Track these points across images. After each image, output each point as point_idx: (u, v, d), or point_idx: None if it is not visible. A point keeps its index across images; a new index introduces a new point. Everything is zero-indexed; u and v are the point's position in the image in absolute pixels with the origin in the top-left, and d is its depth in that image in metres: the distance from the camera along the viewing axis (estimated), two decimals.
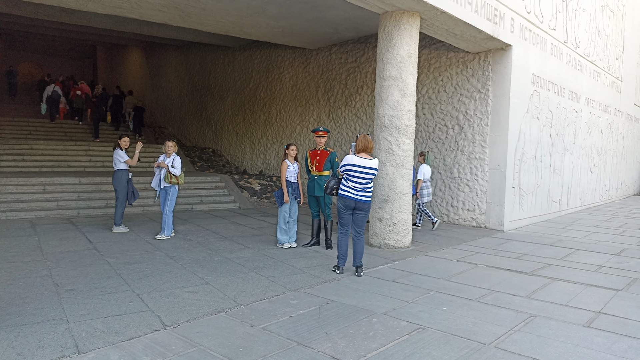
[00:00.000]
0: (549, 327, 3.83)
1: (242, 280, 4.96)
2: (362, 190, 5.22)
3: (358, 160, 5.19)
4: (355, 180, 5.20)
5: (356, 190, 5.22)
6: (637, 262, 6.28)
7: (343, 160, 5.34)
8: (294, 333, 3.58)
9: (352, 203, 5.24)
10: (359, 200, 5.22)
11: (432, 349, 3.35)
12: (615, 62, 14.57)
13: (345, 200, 5.25)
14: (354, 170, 5.18)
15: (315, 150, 6.84)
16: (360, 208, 5.27)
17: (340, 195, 5.28)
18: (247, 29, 10.81)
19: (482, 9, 7.70)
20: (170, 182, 7.08)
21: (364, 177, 5.19)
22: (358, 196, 5.22)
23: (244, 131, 15.44)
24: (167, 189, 7.15)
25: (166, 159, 7.18)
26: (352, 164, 5.19)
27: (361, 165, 5.17)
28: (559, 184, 10.86)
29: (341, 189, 5.29)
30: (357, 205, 5.25)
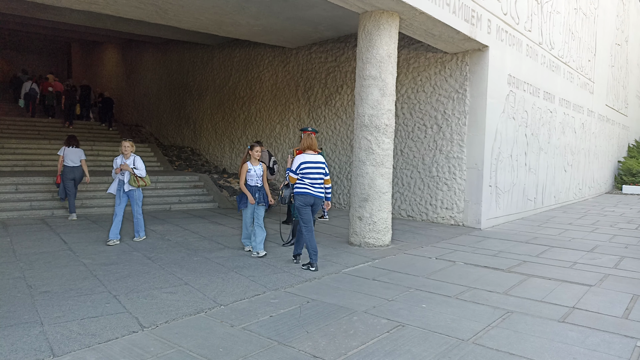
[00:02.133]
0: (525, 322, 3.91)
1: (221, 280, 4.92)
2: (319, 187, 5.55)
3: (309, 157, 5.54)
4: (311, 177, 5.50)
5: (313, 187, 5.51)
6: (609, 258, 6.46)
7: (295, 161, 5.58)
8: (274, 332, 3.57)
9: (311, 199, 5.51)
10: (317, 196, 5.53)
11: (411, 346, 3.39)
12: (588, 63, 14.96)
13: (305, 197, 5.49)
14: (309, 166, 5.48)
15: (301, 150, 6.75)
16: (317, 203, 5.57)
17: (299, 194, 5.50)
18: (226, 27, 10.71)
19: (459, 10, 7.80)
20: (138, 185, 6.66)
21: (318, 171, 5.52)
22: (316, 192, 5.51)
23: (223, 130, 15.31)
24: (132, 192, 6.69)
25: (124, 160, 6.64)
26: (306, 160, 5.50)
27: (313, 161, 5.52)
28: (534, 183, 11.10)
29: (298, 188, 5.51)
30: (315, 200, 5.53)
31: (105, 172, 12.14)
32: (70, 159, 8.62)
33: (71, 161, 8.62)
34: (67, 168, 8.61)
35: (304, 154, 5.59)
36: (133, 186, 6.64)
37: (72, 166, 8.64)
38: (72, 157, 8.64)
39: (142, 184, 6.73)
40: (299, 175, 5.52)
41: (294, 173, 5.54)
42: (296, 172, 5.53)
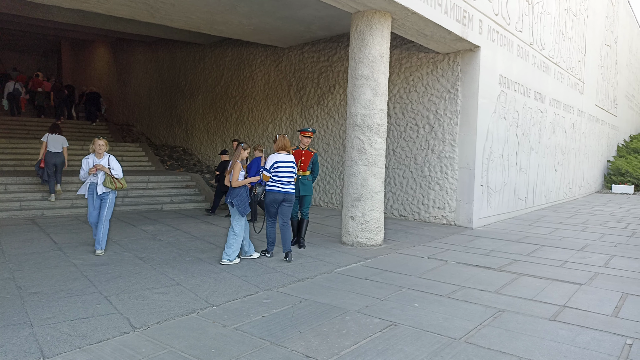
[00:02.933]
0: (516, 321, 3.94)
1: (214, 281, 4.90)
2: (288, 184, 5.93)
3: (282, 157, 5.92)
4: (282, 175, 5.88)
5: (283, 185, 5.90)
6: (599, 257, 6.53)
7: (268, 160, 5.94)
8: (267, 332, 3.56)
9: (281, 196, 5.90)
10: (287, 193, 5.92)
11: (404, 345, 3.40)
12: (578, 64, 15.10)
13: (275, 194, 5.88)
14: (282, 165, 5.87)
15: (300, 150, 6.73)
16: (288, 200, 5.97)
17: (270, 191, 5.89)
18: (218, 26, 10.67)
19: (451, 11, 7.84)
20: (115, 187, 5.98)
21: (289, 170, 5.91)
22: (286, 189, 5.91)
23: (215, 130, 15.25)
24: (105, 195, 5.97)
25: (96, 160, 5.94)
26: (280, 160, 5.89)
27: (286, 160, 5.92)
28: (525, 182, 11.18)
29: (269, 186, 5.89)
30: (286, 197, 5.93)
31: None
32: (53, 145, 9.19)
33: (53, 147, 9.20)
34: (50, 153, 9.14)
35: (277, 154, 5.94)
36: (109, 188, 5.94)
37: (54, 152, 9.20)
38: (54, 143, 9.23)
39: (119, 186, 6.03)
40: (272, 174, 5.86)
41: (267, 171, 5.87)
42: (269, 170, 5.86)
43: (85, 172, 5.91)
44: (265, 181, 5.91)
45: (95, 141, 6.01)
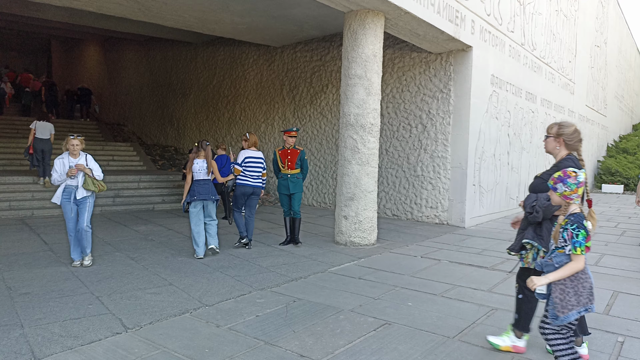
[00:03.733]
0: (509, 319, 3.95)
1: (207, 280, 4.87)
2: (257, 179, 6.48)
3: (252, 153, 6.48)
4: (252, 170, 6.42)
5: (252, 179, 6.43)
6: (590, 256, 6.58)
7: (240, 155, 6.47)
8: (261, 332, 3.55)
9: (250, 190, 6.43)
10: (256, 186, 6.47)
11: (398, 344, 3.40)
12: (569, 64, 15.23)
13: (245, 188, 6.40)
14: (252, 161, 6.42)
15: (285, 150, 6.79)
16: (255, 193, 6.49)
17: (240, 184, 6.41)
18: (210, 24, 10.62)
19: (444, 11, 7.86)
20: (99, 189, 5.33)
21: (258, 165, 6.47)
22: (254, 183, 6.44)
23: (207, 129, 15.17)
24: (84, 200, 5.28)
25: (72, 160, 5.27)
26: (250, 156, 6.45)
27: (255, 156, 6.48)
28: (516, 182, 11.25)
29: (239, 179, 6.41)
30: (254, 190, 6.47)
31: None
32: (41, 132, 9.70)
33: (41, 134, 9.68)
34: (37, 140, 9.56)
35: (248, 150, 6.50)
36: (90, 190, 5.26)
37: (42, 138, 9.64)
38: (42, 130, 9.73)
39: (102, 188, 5.39)
40: (242, 168, 6.40)
41: (239, 165, 6.39)
42: (241, 164, 6.39)
43: (61, 175, 5.18)
44: (237, 175, 6.42)
45: (68, 140, 5.29)
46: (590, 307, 2.57)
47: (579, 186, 2.57)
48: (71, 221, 5.29)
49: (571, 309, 2.54)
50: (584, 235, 2.53)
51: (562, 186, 2.61)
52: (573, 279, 2.57)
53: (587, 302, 2.56)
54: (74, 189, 5.25)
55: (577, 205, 2.61)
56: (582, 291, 2.56)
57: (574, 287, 2.56)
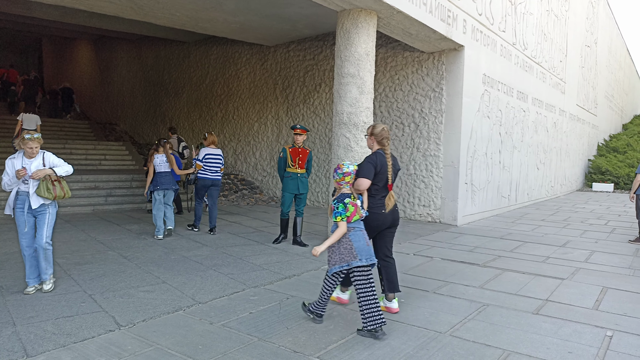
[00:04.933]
0: (500, 315, 4.00)
1: (200, 278, 4.88)
2: (216, 172, 7.44)
3: (211, 150, 7.43)
4: (211, 165, 7.37)
5: (212, 173, 7.40)
6: (580, 252, 6.66)
7: (200, 152, 7.40)
8: (254, 329, 3.56)
9: (210, 182, 7.40)
10: (215, 179, 7.44)
11: (390, 339, 3.43)
12: (560, 64, 15.37)
13: (205, 181, 7.39)
14: (211, 157, 7.38)
15: (296, 148, 6.75)
16: (215, 184, 7.46)
17: (201, 178, 7.39)
18: (202, 23, 10.60)
19: (436, 10, 7.91)
20: (55, 196, 4.28)
21: (217, 161, 7.42)
22: (214, 176, 7.43)
23: (200, 128, 15.14)
24: (43, 210, 4.30)
25: (26, 161, 4.28)
26: (209, 153, 7.40)
27: (214, 153, 7.43)
28: (508, 180, 11.34)
29: (200, 173, 7.37)
30: (214, 182, 7.42)
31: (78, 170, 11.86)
32: (28, 123, 10.45)
33: (28, 125, 10.37)
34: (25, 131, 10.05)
35: (207, 148, 7.43)
36: (46, 198, 4.25)
37: (29, 129, 10.22)
38: (29, 122, 10.51)
39: (61, 195, 4.34)
40: (203, 163, 7.31)
41: (200, 161, 7.31)
42: (201, 160, 7.32)
43: (12, 177, 4.22)
44: (198, 169, 7.38)
45: (25, 142, 4.25)
46: (351, 263, 3.47)
47: (345, 175, 3.57)
48: (25, 237, 4.27)
49: (334, 264, 3.53)
50: (343, 207, 3.49)
51: (335, 175, 3.65)
52: (337, 243, 3.52)
53: (349, 259, 3.47)
54: (27, 196, 4.24)
55: (347, 189, 3.61)
56: (343, 251, 3.50)
57: (338, 248, 3.52)
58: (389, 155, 3.97)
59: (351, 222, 3.52)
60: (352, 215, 3.50)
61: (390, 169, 3.91)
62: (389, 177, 3.88)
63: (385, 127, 4.04)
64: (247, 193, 12.22)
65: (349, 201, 3.51)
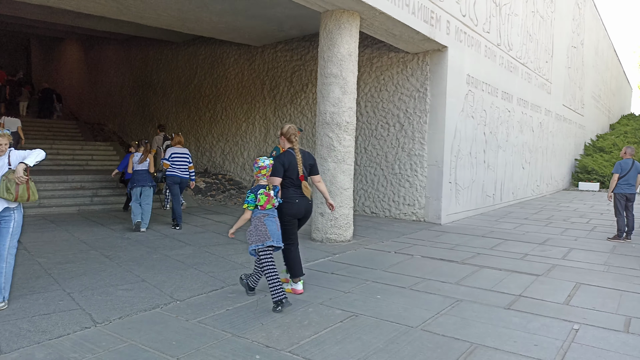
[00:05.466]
0: (472, 310, 4.09)
1: (180, 277, 4.92)
2: (184, 171, 7.99)
3: (177, 150, 8.00)
4: (178, 163, 7.92)
5: (179, 171, 7.93)
6: (558, 250, 6.78)
7: (167, 152, 7.97)
8: (229, 325, 3.62)
9: (178, 179, 7.91)
10: (182, 177, 7.98)
11: (362, 334, 3.50)
12: (545, 65, 15.55)
13: (174, 178, 7.88)
14: (178, 156, 7.94)
15: None
16: (183, 182, 7.99)
17: (169, 176, 7.89)
18: (189, 23, 10.63)
19: (419, 11, 8.00)
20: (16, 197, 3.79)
21: (183, 160, 7.97)
22: (182, 174, 7.96)
23: (188, 128, 15.15)
24: (7, 216, 3.85)
25: None
26: (175, 152, 7.96)
27: (181, 152, 8.00)
28: (492, 180, 11.47)
29: (169, 171, 7.88)
30: (182, 180, 7.96)
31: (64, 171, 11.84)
32: (8, 125, 10.58)
33: (8, 128, 10.30)
34: None
35: (174, 147, 8.00)
36: (7, 200, 3.78)
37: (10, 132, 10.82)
38: (10, 124, 10.66)
39: (24, 197, 3.84)
40: (170, 162, 7.84)
41: (167, 160, 7.85)
42: (168, 159, 7.83)
43: None
44: (166, 168, 7.85)
45: None
46: (265, 242, 3.97)
47: (261, 169, 4.06)
48: None
49: (251, 243, 4.04)
50: (253, 197, 4.03)
51: (253, 169, 4.20)
52: (253, 225, 4.04)
53: (264, 239, 3.98)
54: None
55: (264, 181, 4.10)
56: (260, 233, 3.99)
57: (255, 230, 4.02)
58: (298, 152, 4.48)
59: (265, 209, 4.08)
60: (265, 203, 4.06)
61: (300, 163, 4.41)
62: (299, 170, 4.41)
63: (292, 126, 4.50)
64: (234, 193, 12.25)
65: (262, 192, 4.05)
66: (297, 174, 4.40)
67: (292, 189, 4.42)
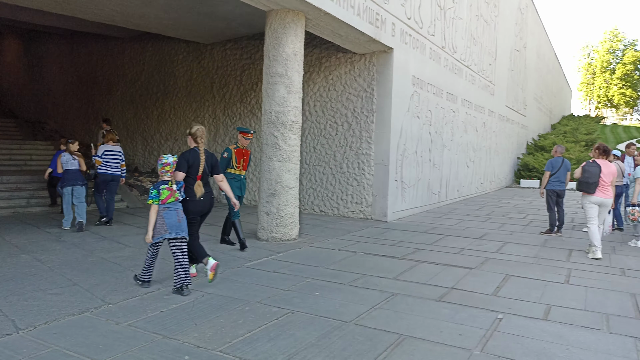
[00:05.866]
0: (406, 303, 4.22)
1: (115, 280, 4.79)
2: (115, 168, 8.06)
3: (110, 147, 8.10)
4: (110, 160, 8.00)
5: (111, 168, 8.02)
6: (494, 244, 7.10)
7: (99, 149, 8.01)
8: (161, 327, 3.56)
9: (110, 177, 8.02)
10: (115, 174, 8.08)
11: (296, 330, 3.54)
12: (489, 67, 16.20)
13: (105, 176, 7.98)
14: (110, 153, 8.03)
15: (240, 149, 6.58)
16: (115, 180, 8.11)
17: (101, 173, 7.96)
18: (133, 19, 10.33)
19: (364, 13, 8.14)
20: None
21: (116, 157, 8.07)
22: (114, 172, 8.06)
23: (135, 127, 14.70)
24: None
25: None
26: (108, 149, 8.04)
27: (113, 150, 8.08)
28: (438, 178, 11.84)
29: (100, 169, 7.95)
30: (114, 177, 8.06)
31: (9, 171, 11.20)
32: None
33: None
34: None
35: (106, 145, 8.12)
36: None
37: None
38: None
39: None
40: (103, 159, 7.94)
41: (99, 157, 7.92)
42: (100, 156, 7.91)
43: None
44: (98, 165, 7.92)
45: None
46: (163, 235, 4.30)
47: (165, 165, 4.36)
48: None
49: (154, 236, 4.31)
50: (156, 193, 4.30)
51: (157, 165, 4.44)
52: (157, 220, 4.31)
53: (162, 232, 4.30)
54: None
55: (168, 177, 4.39)
56: (158, 227, 4.29)
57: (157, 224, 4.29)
58: (203, 152, 4.74)
59: (166, 203, 4.34)
60: (167, 198, 4.33)
61: (202, 163, 4.67)
62: (200, 169, 4.67)
63: (200, 127, 4.75)
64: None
65: (164, 187, 4.33)
66: (198, 172, 4.66)
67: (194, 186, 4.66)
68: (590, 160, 6.58)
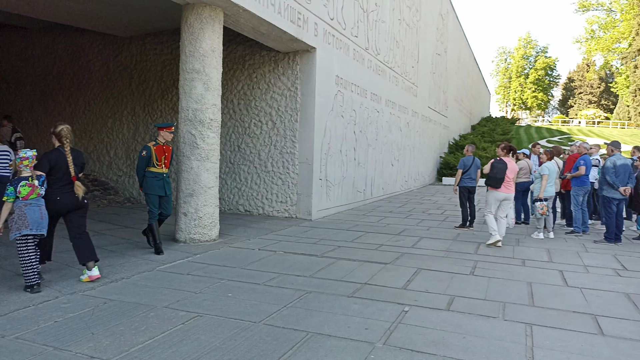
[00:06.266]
0: (318, 300, 4.25)
1: (7, 289, 4.40)
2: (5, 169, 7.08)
3: None
4: None
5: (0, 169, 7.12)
6: (410, 239, 7.37)
7: None
8: (53, 338, 3.31)
9: None
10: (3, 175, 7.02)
11: (202, 334, 3.43)
12: (412, 69, 16.84)
13: None
14: None
15: (161, 146, 6.21)
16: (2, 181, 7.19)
17: None
18: (39, 8, 9.56)
19: (285, 11, 8.12)
20: None
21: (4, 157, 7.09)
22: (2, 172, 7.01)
23: (46, 124, 13.65)
24: None
25: None
26: None
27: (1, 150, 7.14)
28: (363, 176, 12.12)
29: None
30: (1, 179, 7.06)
31: None
32: None
33: None
34: None
35: None
36: None
37: None
38: None
39: None
40: None
41: None
42: None
43: None
44: None
45: None
46: (22, 231, 4.20)
47: (23, 160, 4.28)
48: None
49: (12, 232, 4.20)
50: (12, 190, 4.22)
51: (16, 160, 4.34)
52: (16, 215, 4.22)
53: (22, 228, 4.20)
54: None
55: (27, 172, 4.31)
56: (19, 222, 4.20)
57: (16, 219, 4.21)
58: (69, 152, 4.68)
59: (28, 199, 4.26)
60: (28, 194, 4.26)
61: (70, 163, 4.63)
62: (70, 170, 4.64)
63: (65, 127, 4.69)
64: (99, 194, 11.34)
65: (24, 183, 4.25)
66: (64, 173, 4.60)
67: (56, 187, 4.60)
68: (498, 158, 7.05)
